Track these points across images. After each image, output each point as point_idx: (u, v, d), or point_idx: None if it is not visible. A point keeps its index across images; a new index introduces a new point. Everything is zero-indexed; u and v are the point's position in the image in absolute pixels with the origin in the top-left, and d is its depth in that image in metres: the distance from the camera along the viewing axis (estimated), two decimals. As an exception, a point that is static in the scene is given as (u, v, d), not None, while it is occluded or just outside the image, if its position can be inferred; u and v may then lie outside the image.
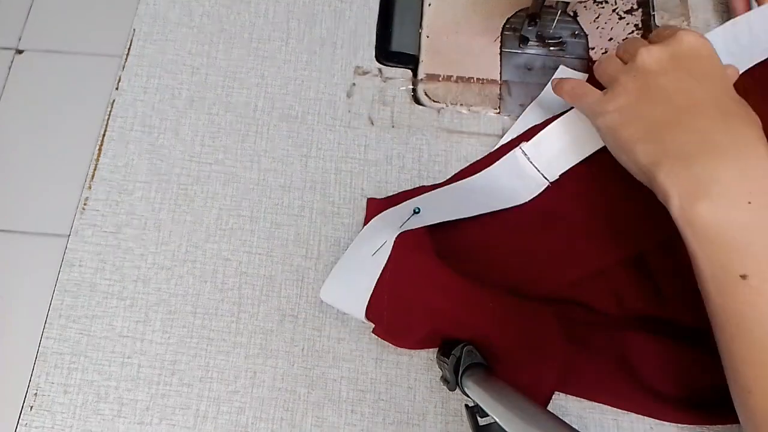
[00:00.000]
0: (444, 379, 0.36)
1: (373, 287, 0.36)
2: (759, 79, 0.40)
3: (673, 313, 0.37)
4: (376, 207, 0.41)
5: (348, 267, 0.37)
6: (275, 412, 0.38)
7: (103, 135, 0.45)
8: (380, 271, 0.36)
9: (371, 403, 0.38)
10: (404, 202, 0.40)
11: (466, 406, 0.33)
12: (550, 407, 0.38)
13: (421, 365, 0.39)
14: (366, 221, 0.41)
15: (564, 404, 0.38)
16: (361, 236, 0.38)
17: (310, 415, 0.38)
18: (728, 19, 0.42)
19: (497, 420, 0.29)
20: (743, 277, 0.28)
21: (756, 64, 0.40)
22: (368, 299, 0.36)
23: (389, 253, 0.36)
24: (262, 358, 0.39)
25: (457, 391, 0.34)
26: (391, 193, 0.43)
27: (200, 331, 0.40)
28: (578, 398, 0.38)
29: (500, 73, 0.47)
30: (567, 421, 0.30)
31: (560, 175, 0.41)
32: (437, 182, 0.43)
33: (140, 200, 0.43)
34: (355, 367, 0.39)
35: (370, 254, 0.37)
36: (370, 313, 0.36)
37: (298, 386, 0.39)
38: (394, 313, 0.36)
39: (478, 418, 0.32)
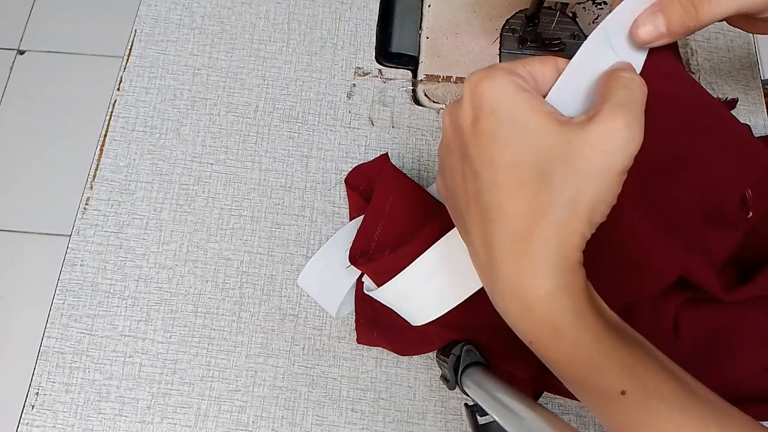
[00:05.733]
0: (444, 378, 0.36)
1: (354, 302, 0.39)
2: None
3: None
4: (356, 184, 0.43)
5: (326, 260, 0.39)
6: (276, 410, 0.38)
7: (105, 135, 0.45)
8: (353, 281, 0.39)
9: (371, 402, 0.38)
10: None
11: (466, 404, 0.33)
12: (549, 406, 0.38)
13: (421, 364, 0.39)
14: (349, 198, 0.43)
15: (563, 402, 0.38)
16: (340, 236, 0.40)
17: (311, 413, 0.38)
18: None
19: (496, 419, 0.29)
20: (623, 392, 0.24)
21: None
22: (341, 303, 0.38)
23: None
24: (263, 357, 0.40)
25: (457, 389, 0.34)
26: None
27: (201, 330, 0.40)
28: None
29: (500, 74, 0.47)
30: (566, 420, 0.30)
31: None
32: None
33: (142, 200, 0.43)
34: (355, 366, 0.39)
35: (345, 261, 0.38)
36: (359, 316, 0.39)
37: (299, 385, 0.39)
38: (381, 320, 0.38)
39: (478, 417, 0.32)
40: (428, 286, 0.33)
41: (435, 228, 0.35)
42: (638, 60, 0.28)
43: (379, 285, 0.36)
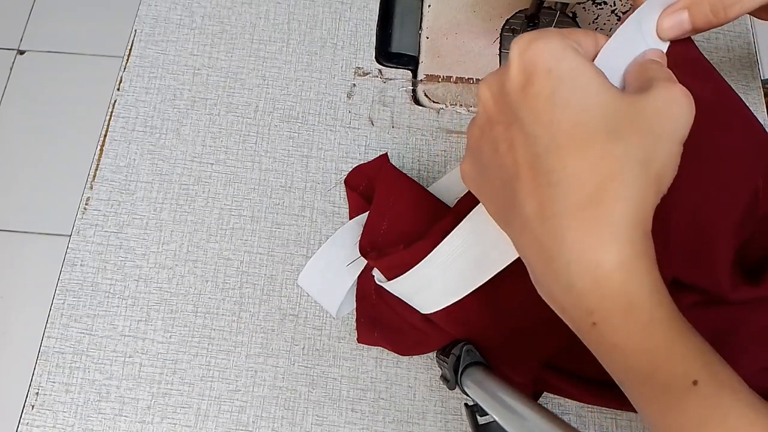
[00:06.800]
0: (444, 378, 0.36)
1: (355, 302, 0.39)
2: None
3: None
4: (356, 184, 0.43)
5: (326, 260, 0.39)
6: (276, 410, 0.38)
7: (105, 135, 0.45)
8: (354, 281, 0.39)
9: (371, 402, 0.38)
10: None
11: (466, 404, 0.33)
12: (549, 406, 0.38)
13: (421, 364, 0.39)
14: (349, 198, 0.43)
15: (563, 402, 0.38)
16: (340, 236, 0.40)
17: (311, 413, 0.38)
18: None
19: (496, 419, 0.29)
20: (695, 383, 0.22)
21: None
22: (341, 302, 0.39)
23: (364, 266, 0.39)
24: (263, 357, 0.40)
25: (457, 389, 0.34)
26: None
27: (201, 330, 0.40)
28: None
29: (500, 74, 0.47)
30: (566, 420, 0.30)
31: None
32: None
33: (142, 200, 0.43)
34: (355, 366, 0.39)
35: (345, 260, 0.39)
36: (360, 316, 0.39)
37: (299, 385, 0.39)
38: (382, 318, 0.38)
39: (478, 417, 0.32)
40: (444, 276, 0.33)
41: (447, 224, 0.35)
42: (662, 47, 0.28)
43: (389, 278, 0.36)
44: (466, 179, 0.28)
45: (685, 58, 0.29)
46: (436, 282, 0.34)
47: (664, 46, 0.28)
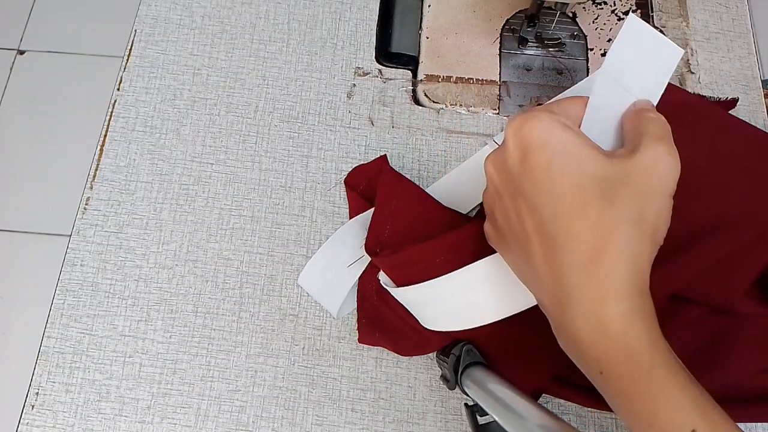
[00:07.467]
0: (444, 378, 0.36)
1: (356, 301, 0.39)
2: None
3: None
4: (355, 184, 0.43)
5: (326, 260, 0.40)
6: (276, 410, 0.38)
7: (105, 135, 0.45)
8: (354, 281, 0.39)
9: (371, 402, 0.38)
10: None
11: (466, 404, 0.33)
12: (549, 406, 0.38)
13: (421, 364, 0.39)
14: (349, 198, 0.43)
15: (563, 402, 0.38)
16: (341, 235, 0.40)
17: (311, 413, 0.38)
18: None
19: (496, 419, 0.29)
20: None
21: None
22: (342, 302, 0.39)
23: (365, 266, 0.39)
24: (263, 357, 0.40)
25: (457, 389, 0.34)
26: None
27: (201, 330, 0.40)
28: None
29: (499, 74, 0.47)
30: (566, 420, 0.30)
31: None
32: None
33: (142, 200, 0.43)
34: (355, 366, 0.39)
35: (345, 260, 0.39)
36: (361, 316, 0.39)
37: (299, 385, 0.39)
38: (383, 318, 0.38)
39: (478, 417, 0.32)
40: (458, 299, 0.34)
41: (467, 234, 0.34)
42: (654, 97, 0.29)
43: (394, 278, 0.36)
44: (489, 240, 0.31)
45: (676, 105, 0.30)
46: (447, 302, 0.34)
47: (655, 95, 0.28)
